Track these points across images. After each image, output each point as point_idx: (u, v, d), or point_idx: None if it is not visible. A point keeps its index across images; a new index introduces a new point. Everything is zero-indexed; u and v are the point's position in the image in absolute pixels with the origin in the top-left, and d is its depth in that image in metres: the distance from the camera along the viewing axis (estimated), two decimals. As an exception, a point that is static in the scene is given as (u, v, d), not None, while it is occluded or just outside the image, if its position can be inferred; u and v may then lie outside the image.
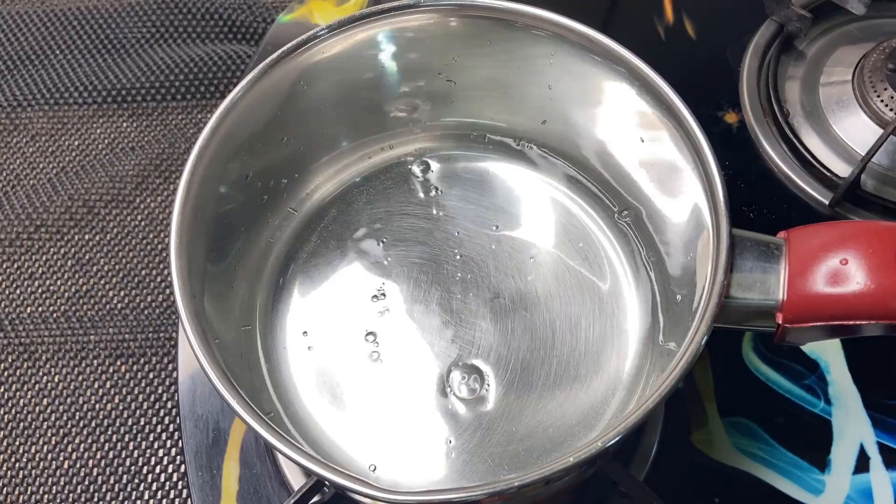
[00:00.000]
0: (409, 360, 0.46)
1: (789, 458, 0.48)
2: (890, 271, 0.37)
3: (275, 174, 0.49)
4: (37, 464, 0.56)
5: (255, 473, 0.49)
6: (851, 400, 0.50)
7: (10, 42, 0.72)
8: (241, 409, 0.37)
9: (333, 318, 0.47)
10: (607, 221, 0.49)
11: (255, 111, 0.45)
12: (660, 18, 0.64)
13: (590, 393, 0.45)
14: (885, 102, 0.54)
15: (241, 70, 0.69)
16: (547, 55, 0.47)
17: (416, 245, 0.49)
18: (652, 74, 0.43)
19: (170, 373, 0.58)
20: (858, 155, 0.55)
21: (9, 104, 0.69)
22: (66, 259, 0.63)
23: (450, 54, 0.49)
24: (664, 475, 0.48)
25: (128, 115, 0.69)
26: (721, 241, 0.39)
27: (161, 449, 0.56)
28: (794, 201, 0.55)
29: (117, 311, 0.60)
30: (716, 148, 0.41)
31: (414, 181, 0.51)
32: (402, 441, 0.44)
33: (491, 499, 0.41)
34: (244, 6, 0.73)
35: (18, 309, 0.61)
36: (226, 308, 0.45)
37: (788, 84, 0.59)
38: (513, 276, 0.48)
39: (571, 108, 0.49)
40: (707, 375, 0.51)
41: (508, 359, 0.46)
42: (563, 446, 0.44)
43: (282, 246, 0.49)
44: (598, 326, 0.46)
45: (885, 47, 0.56)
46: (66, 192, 0.65)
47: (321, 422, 0.45)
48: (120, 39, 0.72)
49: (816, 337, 0.41)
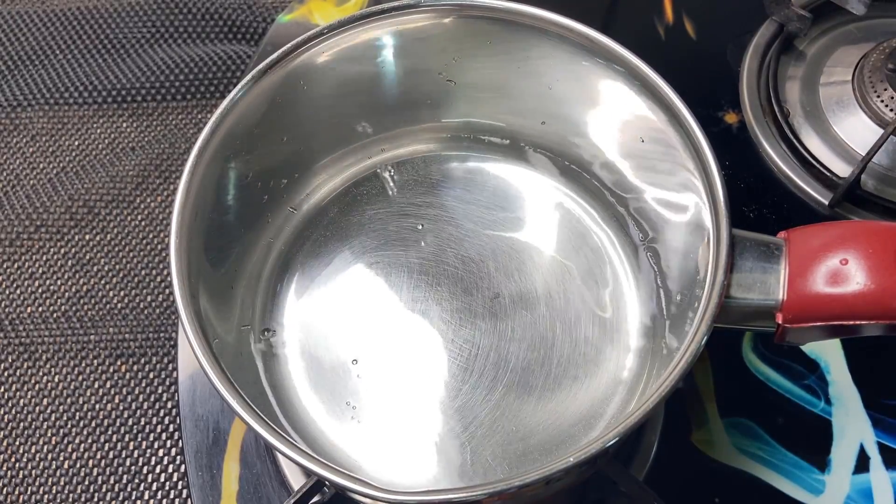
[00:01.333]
0: (408, 360, 0.46)
1: (789, 458, 0.48)
2: (890, 271, 0.37)
3: (275, 174, 0.49)
4: (37, 464, 0.56)
5: (255, 473, 0.49)
6: (851, 400, 0.50)
7: (10, 42, 0.72)
8: (241, 409, 0.37)
9: (333, 318, 0.47)
10: (607, 222, 0.49)
11: (255, 111, 0.45)
12: (660, 18, 0.64)
13: (590, 393, 0.45)
14: (885, 102, 0.54)
15: (241, 70, 0.70)
16: (547, 55, 0.47)
17: (416, 245, 0.49)
18: (652, 74, 0.43)
19: (170, 373, 0.58)
20: (858, 155, 0.55)
21: (9, 104, 0.69)
22: (66, 259, 0.63)
23: (450, 54, 0.49)
24: (664, 475, 0.48)
25: (128, 115, 0.69)
26: (721, 242, 0.39)
27: (161, 449, 0.56)
28: (794, 201, 0.55)
29: (117, 311, 0.60)
30: (716, 148, 0.41)
31: (414, 181, 0.51)
32: (402, 441, 0.44)
33: (491, 499, 0.41)
34: (244, 6, 0.73)
35: (18, 309, 0.61)
36: (226, 308, 0.45)
37: (788, 84, 0.59)
38: (513, 276, 0.48)
39: (571, 109, 0.49)
40: (707, 375, 0.51)
41: (508, 359, 0.46)
42: (563, 446, 0.43)
43: (282, 246, 0.49)
44: (598, 326, 0.46)
45: (885, 47, 0.56)
46: (66, 192, 0.65)
47: (320, 422, 0.45)
48: (120, 39, 0.72)
49: (816, 337, 0.41)
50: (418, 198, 0.51)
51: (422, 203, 0.51)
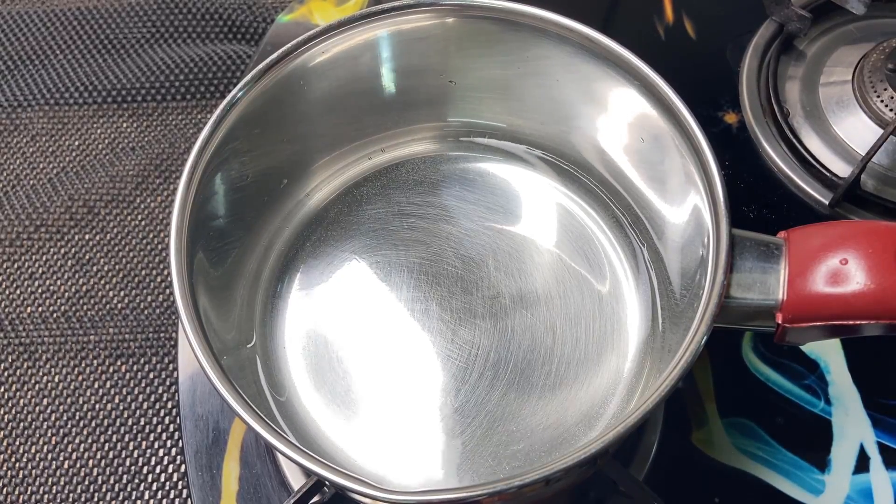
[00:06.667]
0: (408, 359, 0.46)
1: (789, 458, 0.48)
2: (890, 271, 0.37)
3: (275, 174, 0.49)
4: (37, 464, 0.56)
5: (255, 473, 0.49)
6: (851, 400, 0.50)
7: (10, 42, 0.72)
8: (241, 409, 0.37)
9: (333, 318, 0.47)
10: (607, 221, 0.49)
11: (254, 111, 0.45)
12: (660, 18, 0.64)
13: (590, 393, 0.45)
14: (885, 102, 0.54)
15: (241, 70, 0.70)
16: (547, 55, 0.47)
17: (416, 245, 0.49)
18: (652, 74, 0.43)
19: (170, 373, 0.58)
20: (858, 155, 0.55)
21: (9, 104, 0.69)
22: (66, 259, 0.63)
23: (450, 54, 0.49)
24: (664, 475, 0.48)
25: (128, 115, 0.69)
26: (721, 241, 0.39)
27: (161, 449, 0.56)
28: (794, 201, 0.55)
29: (117, 311, 0.60)
30: (716, 148, 0.41)
31: (414, 181, 0.51)
32: (402, 441, 0.44)
33: (491, 499, 0.41)
34: (244, 6, 0.73)
35: (18, 309, 0.61)
36: (226, 308, 0.45)
37: (788, 84, 0.59)
38: (513, 276, 0.48)
39: (571, 109, 0.49)
40: (707, 375, 0.51)
41: (508, 359, 0.46)
42: (563, 446, 0.43)
43: (282, 246, 0.49)
44: (598, 326, 0.46)
45: (885, 47, 0.56)
46: (66, 192, 0.65)
47: (320, 422, 0.45)
48: (120, 39, 0.72)
49: (816, 337, 0.41)
50: (418, 198, 0.51)
51: (422, 203, 0.51)
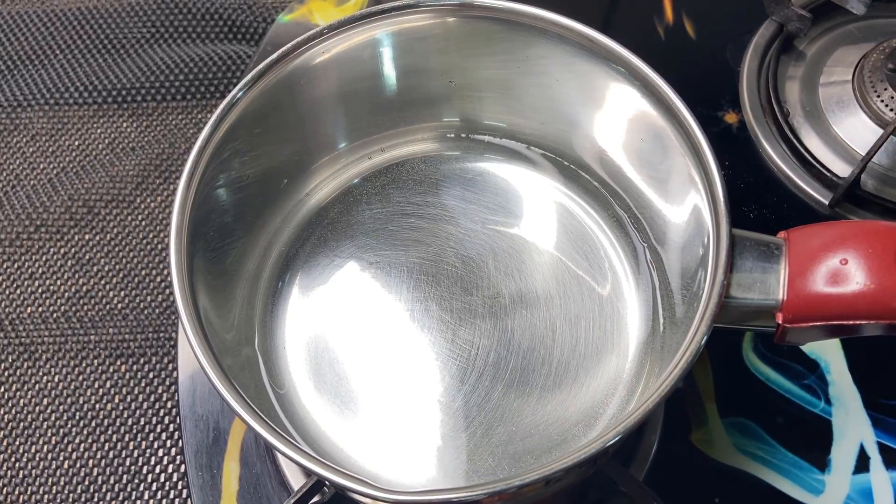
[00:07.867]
0: (408, 360, 0.46)
1: (789, 458, 0.48)
2: (890, 271, 0.37)
3: (275, 174, 0.49)
4: (37, 464, 0.56)
5: (255, 473, 0.49)
6: (851, 400, 0.50)
7: (10, 42, 0.72)
8: (241, 409, 0.37)
9: (333, 319, 0.47)
10: (607, 222, 0.49)
11: (254, 111, 0.45)
12: (660, 18, 0.64)
13: (590, 393, 0.45)
14: (885, 102, 0.54)
15: (241, 70, 0.70)
16: (547, 55, 0.47)
17: (416, 245, 0.49)
18: (652, 74, 0.43)
19: (170, 373, 0.58)
20: (858, 155, 0.55)
21: (9, 104, 0.69)
22: (66, 259, 0.63)
23: (450, 54, 0.49)
24: (664, 475, 0.48)
25: (128, 115, 0.69)
26: (721, 241, 0.39)
27: (161, 449, 0.56)
28: (794, 201, 0.55)
29: (117, 311, 0.60)
30: (716, 148, 0.41)
31: (413, 181, 0.51)
32: (402, 441, 0.44)
33: (491, 499, 0.41)
34: (244, 6, 0.73)
35: (18, 309, 0.61)
36: (226, 308, 0.45)
37: (788, 84, 0.59)
38: (513, 276, 0.48)
39: (571, 109, 0.49)
40: (707, 375, 0.51)
41: (508, 359, 0.46)
42: (563, 446, 0.44)
43: (281, 246, 0.49)
44: (598, 326, 0.46)
45: (885, 47, 0.56)
46: (66, 192, 0.65)
47: (321, 422, 0.45)
48: (120, 39, 0.72)
49: (816, 337, 0.41)
50: (418, 198, 0.51)
51: (422, 203, 0.51)
